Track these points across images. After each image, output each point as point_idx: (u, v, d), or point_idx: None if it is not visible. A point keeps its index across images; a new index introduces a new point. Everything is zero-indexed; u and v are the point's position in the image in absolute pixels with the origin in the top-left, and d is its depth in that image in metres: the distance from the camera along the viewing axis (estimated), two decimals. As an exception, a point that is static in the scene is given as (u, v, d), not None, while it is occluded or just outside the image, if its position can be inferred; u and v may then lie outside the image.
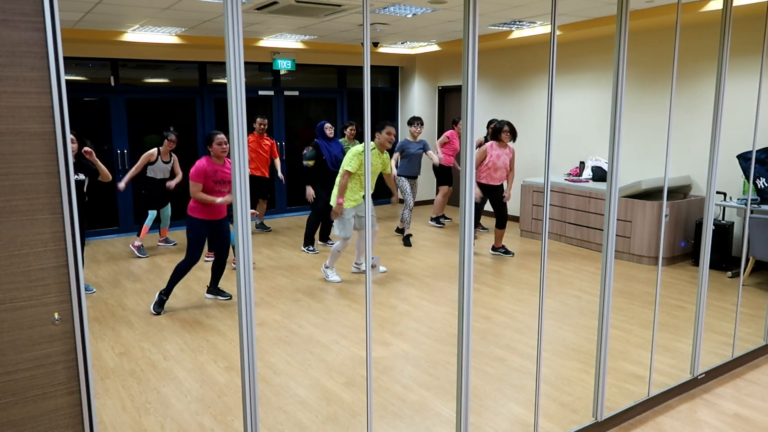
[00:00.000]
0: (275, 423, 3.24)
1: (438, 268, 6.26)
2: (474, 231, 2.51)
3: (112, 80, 7.83)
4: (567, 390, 3.58)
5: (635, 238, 6.40)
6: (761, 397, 3.49)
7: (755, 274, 5.95)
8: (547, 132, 2.70)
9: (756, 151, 5.73)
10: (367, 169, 2.28)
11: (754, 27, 5.92)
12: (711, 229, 3.53)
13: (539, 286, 2.84)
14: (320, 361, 4.02)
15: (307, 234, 6.93)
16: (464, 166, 2.42)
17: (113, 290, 5.57)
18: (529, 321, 4.73)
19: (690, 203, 6.39)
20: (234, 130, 1.95)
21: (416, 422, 3.24)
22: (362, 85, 2.19)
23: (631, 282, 5.73)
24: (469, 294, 2.51)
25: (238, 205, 2.01)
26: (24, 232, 1.85)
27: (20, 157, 1.82)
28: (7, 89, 1.77)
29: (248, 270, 2.05)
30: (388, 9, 6.01)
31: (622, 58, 2.86)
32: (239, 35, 1.93)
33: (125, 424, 3.23)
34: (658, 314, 4.55)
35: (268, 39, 8.11)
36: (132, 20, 6.42)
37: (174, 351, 4.20)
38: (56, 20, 1.82)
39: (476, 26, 2.34)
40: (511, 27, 7.26)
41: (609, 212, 2.98)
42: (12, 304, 1.86)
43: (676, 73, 4.40)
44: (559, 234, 7.36)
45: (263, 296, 5.37)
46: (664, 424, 3.19)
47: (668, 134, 3.16)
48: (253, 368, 2.12)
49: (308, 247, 6.93)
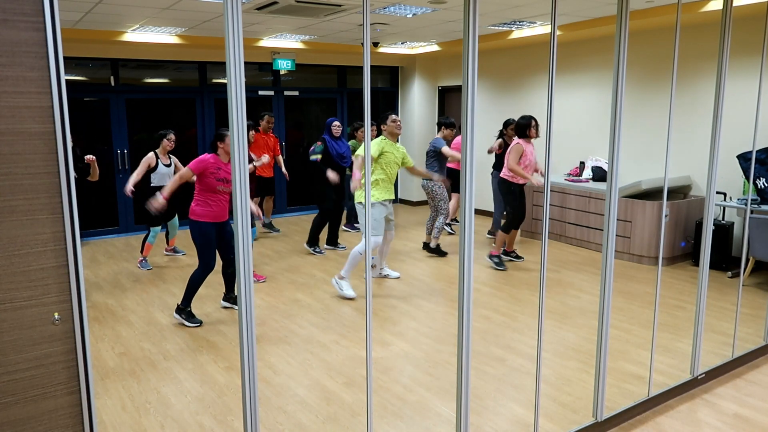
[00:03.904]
0: (275, 423, 3.24)
1: (438, 269, 6.26)
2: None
3: (112, 80, 7.83)
4: (567, 390, 3.58)
5: (635, 238, 6.40)
6: (761, 397, 3.49)
7: (755, 274, 5.95)
8: (547, 132, 2.70)
9: (756, 151, 5.73)
10: (367, 168, 2.28)
11: (754, 27, 5.92)
12: (711, 229, 3.53)
13: (539, 285, 2.84)
14: (320, 361, 4.02)
15: (311, 234, 6.85)
16: (464, 166, 2.42)
17: (113, 290, 5.57)
18: (529, 321, 4.73)
19: (690, 203, 6.39)
20: (234, 130, 1.95)
21: (416, 422, 3.24)
22: (362, 85, 2.19)
23: (631, 282, 5.73)
24: (469, 294, 2.51)
25: (238, 205, 2.01)
26: (24, 232, 1.85)
27: (20, 157, 1.82)
28: (7, 89, 1.77)
29: (248, 270, 2.05)
30: (388, 9, 6.01)
31: (622, 58, 2.86)
32: (239, 35, 1.93)
33: (125, 424, 3.23)
34: (658, 314, 4.55)
35: (268, 39, 8.11)
36: (132, 20, 6.42)
37: (174, 351, 4.20)
38: (56, 20, 1.82)
39: (476, 26, 2.34)
40: (511, 27, 7.26)
41: (609, 212, 2.98)
42: (12, 304, 1.86)
43: (676, 73, 4.40)
44: (559, 234, 7.36)
45: (263, 296, 5.37)
46: (664, 424, 3.19)
47: (668, 134, 3.16)
48: (253, 368, 2.12)
49: (314, 248, 6.88)
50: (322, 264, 6.43)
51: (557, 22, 4.48)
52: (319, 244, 6.90)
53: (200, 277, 4.66)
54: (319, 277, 5.92)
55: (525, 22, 6.91)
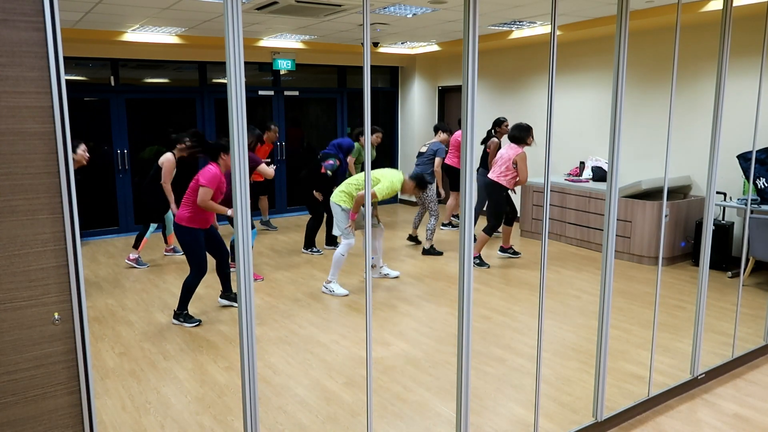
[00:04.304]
0: (275, 423, 3.24)
1: (439, 269, 6.26)
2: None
3: (112, 80, 7.83)
4: (567, 390, 3.58)
5: (635, 238, 6.40)
6: (761, 397, 3.49)
7: (755, 274, 5.95)
8: (547, 132, 2.70)
9: (756, 151, 5.73)
10: (367, 167, 2.28)
11: (754, 27, 5.92)
12: (711, 229, 3.53)
13: (539, 286, 2.84)
14: (320, 361, 4.02)
15: (307, 238, 6.89)
16: (464, 166, 2.42)
17: (113, 290, 5.57)
18: (529, 321, 4.73)
19: (690, 203, 6.39)
20: (234, 130, 1.95)
21: (416, 422, 3.24)
22: (362, 85, 2.19)
23: (631, 282, 5.73)
24: (469, 294, 2.51)
25: (238, 206, 2.01)
26: (24, 232, 1.85)
27: (20, 157, 1.82)
28: (7, 89, 1.77)
29: (248, 271, 2.05)
30: (388, 9, 6.01)
31: (622, 58, 2.86)
32: (239, 35, 1.93)
33: (125, 424, 3.23)
34: (658, 314, 4.56)
35: (268, 39, 8.11)
36: (132, 20, 6.42)
37: (174, 351, 4.20)
38: (56, 20, 1.82)
39: (476, 26, 2.34)
40: (511, 27, 7.26)
41: (609, 212, 2.98)
42: (12, 304, 1.86)
43: (676, 73, 4.40)
44: (559, 234, 7.36)
45: (263, 296, 5.37)
46: (664, 424, 3.19)
47: (668, 134, 3.16)
48: (253, 368, 2.12)
49: (310, 249, 6.91)
50: (322, 264, 6.43)
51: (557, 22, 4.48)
52: (315, 245, 6.92)
53: (194, 282, 4.66)
54: (318, 277, 5.92)
55: (525, 22, 6.91)
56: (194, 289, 4.69)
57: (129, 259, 6.34)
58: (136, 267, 6.32)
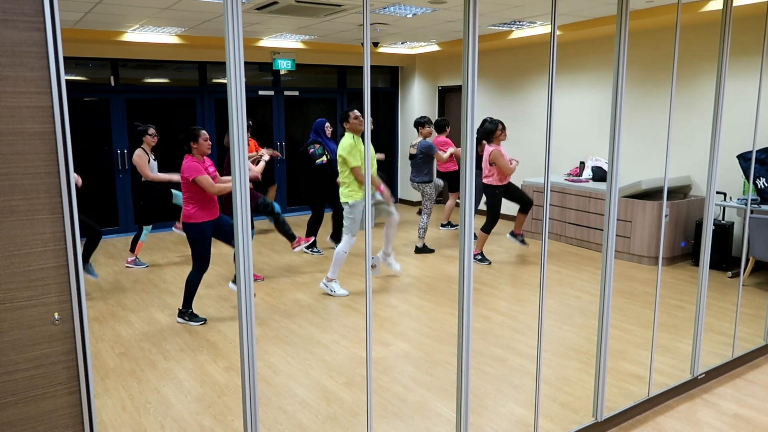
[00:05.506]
0: (275, 423, 3.24)
1: (439, 269, 6.26)
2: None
3: (112, 80, 7.83)
4: (567, 390, 3.58)
5: (635, 238, 6.40)
6: (761, 397, 3.49)
7: (755, 274, 5.95)
8: (547, 132, 2.70)
9: (756, 151, 5.73)
10: (367, 166, 2.28)
11: (754, 27, 5.92)
12: (711, 229, 3.53)
13: (539, 286, 2.84)
14: (320, 361, 4.02)
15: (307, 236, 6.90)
16: (464, 166, 2.42)
17: (113, 290, 5.57)
18: (529, 321, 4.73)
19: (690, 203, 6.39)
20: (234, 130, 1.95)
21: (416, 422, 3.24)
22: (362, 85, 2.19)
23: (631, 282, 5.73)
24: (469, 294, 2.51)
25: (238, 206, 2.01)
26: (24, 232, 1.85)
27: (20, 157, 1.82)
28: (7, 89, 1.77)
29: (248, 270, 2.05)
30: (388, 9, 6.01)
31: (622, 58, 2.86)
32: (239, 35, 1.93)
33: (125, 424, 3.23)
34: (658, 314, 4.55)
35: (268, 39, 8.11)
36: (132, 20, 6.42)
37: (174, 351, 4.20)
38: (56, 20, 1.82)
39: (476, 26, 2.34)
40: (511, 27, 7.26)
41: (609, 212, 2.98)
42: (12, 304, 1.86)
43: (676, 73, 4.40)
44: (559, 234, 7.36)
45: (263, 296, 5.37)
46: (664, 424, 3.19)
47: (668, 134, 3.16)
48: (253, 368, 2.12)
49: (311, 249, 6.92)
50: (322, 263, 6.43)
51: (557, 22, 4.48)
52: (315, 245, 6.92)
53: (197, 278, 4.69)
54: (319, 277, 5.92)
55: (525, 22, 6.91)
56: (197, 285, 4.71)
57: (128, 262, 6.37)
58: (136, 267, 6.33)
